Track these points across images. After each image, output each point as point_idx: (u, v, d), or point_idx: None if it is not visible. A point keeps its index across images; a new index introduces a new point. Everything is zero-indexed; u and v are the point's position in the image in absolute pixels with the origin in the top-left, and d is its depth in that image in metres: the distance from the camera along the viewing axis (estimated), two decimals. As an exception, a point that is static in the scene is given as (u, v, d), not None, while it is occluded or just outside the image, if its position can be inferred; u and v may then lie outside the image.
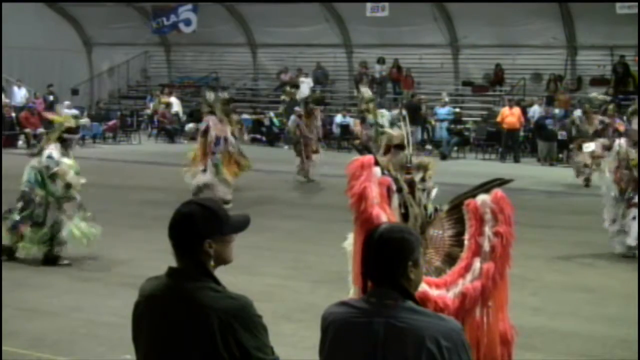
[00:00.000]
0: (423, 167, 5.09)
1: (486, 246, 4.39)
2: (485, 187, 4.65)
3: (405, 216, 4.68)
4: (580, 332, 7.48)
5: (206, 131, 13.73)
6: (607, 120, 15.73)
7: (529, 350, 6.64)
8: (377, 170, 4.71)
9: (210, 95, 14.48)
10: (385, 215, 4.53)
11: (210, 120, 13.85)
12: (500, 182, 4.75)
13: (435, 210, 4.73)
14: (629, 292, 8.46)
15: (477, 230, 4.46)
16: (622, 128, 21.56)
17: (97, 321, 7.43)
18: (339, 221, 12.46)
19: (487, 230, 4.42)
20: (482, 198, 4.51)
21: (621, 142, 10.62)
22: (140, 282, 3.10)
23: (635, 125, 10.63)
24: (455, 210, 4.65)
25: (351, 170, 4.74)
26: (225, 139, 13.79)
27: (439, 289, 4.38)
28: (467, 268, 4.41)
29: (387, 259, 2.87)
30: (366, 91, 18.85)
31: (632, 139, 10.48)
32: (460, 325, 2.93)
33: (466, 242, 4.52)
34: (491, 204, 4.46)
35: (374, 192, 4.58)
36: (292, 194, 15.77)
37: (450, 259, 4.57)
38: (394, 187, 4.75)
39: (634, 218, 10.19)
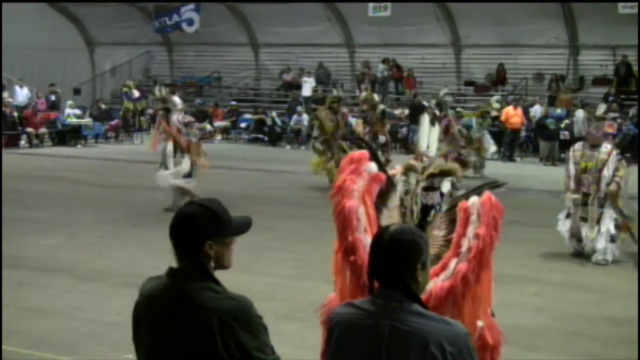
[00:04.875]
0: (446, 170, 4.92)
1: (464, 247, 4.31)
2: (479, 189, 4.60)
3: (404, 215, 4.64)
4: (582, 331, 7.47)
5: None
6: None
7: (530, 350, 6.65)
8: (371, 165, 4.62)
9: (161, 90, 14.08)
10: (364, 209, 4.47)
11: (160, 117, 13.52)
12: (493, 185, 4.72)
13: (435, 210, 4.68)
14: (631, 292, 8.45)
15: (462, 231, 4.39)
16: (610, 129, 21.62)
17: (99, 321, 7.43)
18: (341, 221, 12.47)
19: (470, 231, 4.34)
20: (472, 200, 4.44)
21: (575, 147, 10.47)
22: (142, 282, 3.11)
23: (594, 129, 10.49)
24: (451, 212, 4.60)
25: (342, 164, 4.70)
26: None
27: None
28: (444, 268, 4.33)
29: (397, 260, 2.85)
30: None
31: (590, 142, 10.28)
32: (466, 330, 2.91)
33: (452, 244, 4.46)
34: (478, 205, 4.38)
35: (357, 186, 4.50)
36: (294, 193, 15.76)
37: (438, 260, 4.48)
38: (394, 184, 4.68)
39: (599, 232, 10.06)
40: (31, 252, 10.06)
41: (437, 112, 17.42)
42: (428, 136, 5.32)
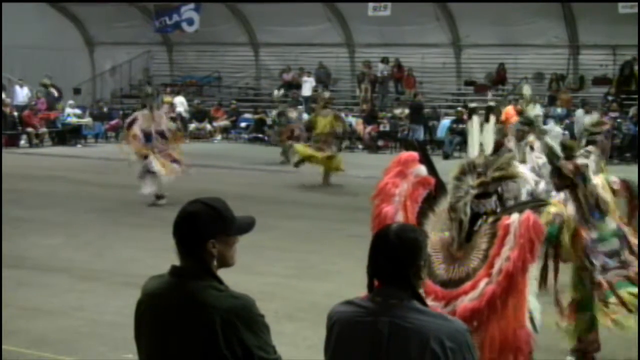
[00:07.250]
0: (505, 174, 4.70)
1: (496, 268, 4.17)
2: (522, 206, 4.45)
3: (453, 221, 4.45)
4: (583, 331, 7.44)
5: (131, 124, 13.81)
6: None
7: (531, 350, 6.62)
8: (419, 168, 4.50)
9: (147, 89, 14.50)
10: (403, 214, 4.33)
11: (138, 115, 13.97)
12: (537, 204, 4.58)
13: (482, 219, 4.48)
14: (632, 292, 8.42)
15: (497, 250, 4.24)
16: (607, 126, 21.46)
17: (99, 320, 7.42)
18: (341, 221, 12.47)
19: (504, 252, 4.19)
20: (513, 217, 4.26)
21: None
22: (142, 282, 3.10)
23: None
24: (495, 225, 4.40)
25: (389, 164, 4.58)
26: (162, 133, 13.74)
27: (435, 300, 4.21)
28: (474, 287, 4.21)
29: (403, 258, 2.87)
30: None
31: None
32: (465, 326, 2.93)
33: (487, 261, 4.29)
34: (517, 225, 4.21)
35: (400, 189, 4.38)
36: (294, 193, 15.75)
37: (474, 274, 4.34)
38: (445, 189, 4.50)
39: None
40: (31, 252, 10.05)
41: (502, 108, 17.51)
42: (477, 140, 5.02)
